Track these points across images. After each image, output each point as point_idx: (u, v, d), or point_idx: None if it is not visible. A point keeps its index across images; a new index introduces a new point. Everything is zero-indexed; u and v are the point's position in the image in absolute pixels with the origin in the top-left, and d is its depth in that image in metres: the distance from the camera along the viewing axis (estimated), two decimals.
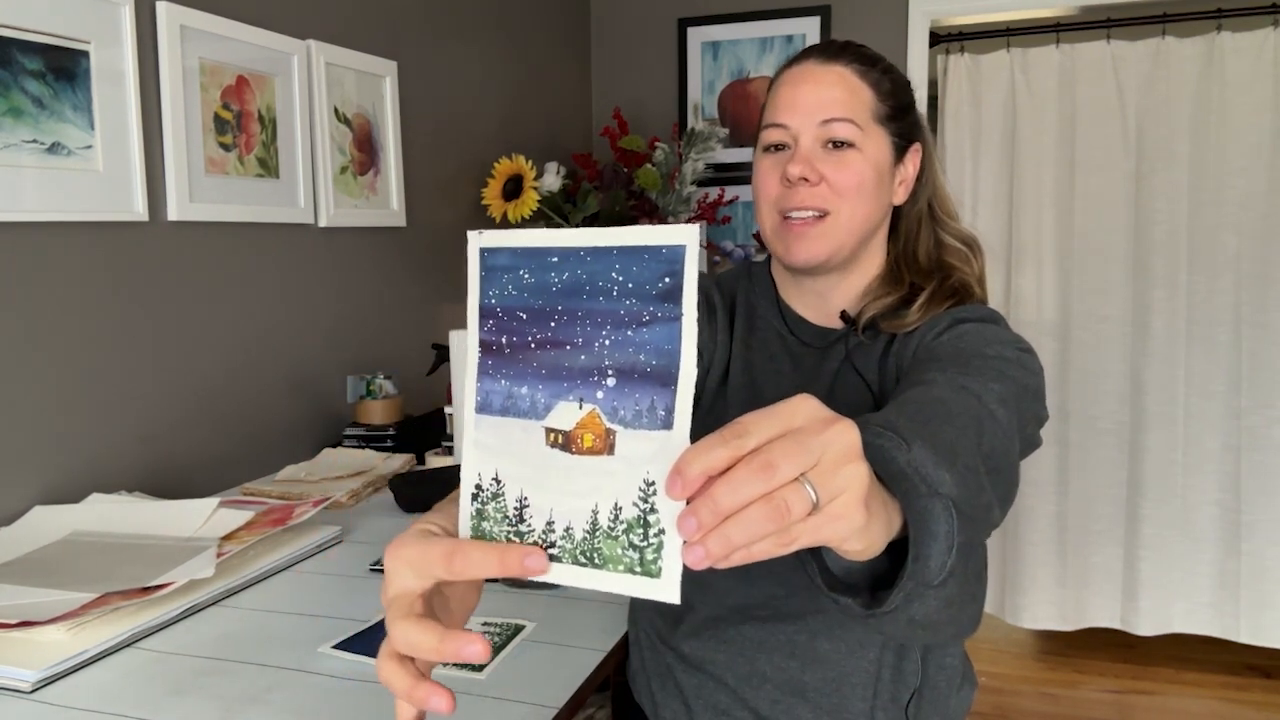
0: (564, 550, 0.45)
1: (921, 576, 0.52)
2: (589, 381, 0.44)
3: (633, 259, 0.44)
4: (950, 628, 0.58)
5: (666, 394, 0.43)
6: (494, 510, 0.46)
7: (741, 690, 0.95)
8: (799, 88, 0.95)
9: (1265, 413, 2.61)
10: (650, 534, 0.43)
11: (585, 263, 0.45)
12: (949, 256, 1.01)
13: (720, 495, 0.40)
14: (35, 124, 1.27)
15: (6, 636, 0.91)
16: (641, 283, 0.43)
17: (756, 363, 1.01)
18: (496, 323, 0.47)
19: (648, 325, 0.43)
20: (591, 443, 0.44)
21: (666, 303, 0.43)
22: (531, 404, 0.46)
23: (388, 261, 2.06)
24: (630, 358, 0.44)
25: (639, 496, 0.43)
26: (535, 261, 0.46)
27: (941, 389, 0.72)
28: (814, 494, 0.41)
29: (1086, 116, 2.68)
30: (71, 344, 1.35)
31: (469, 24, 2.35)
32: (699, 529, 0.40)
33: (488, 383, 0.47)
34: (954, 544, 0.52)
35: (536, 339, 0.46)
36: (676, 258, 0.43)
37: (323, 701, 0.83)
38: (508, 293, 0.47)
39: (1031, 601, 2.83)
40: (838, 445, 0.42)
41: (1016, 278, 2.80)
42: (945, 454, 0.57)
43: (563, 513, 0.45)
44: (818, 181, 0.93)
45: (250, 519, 1.19)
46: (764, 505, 0.40)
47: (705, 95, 2.94)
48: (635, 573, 0.43)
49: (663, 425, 0.43)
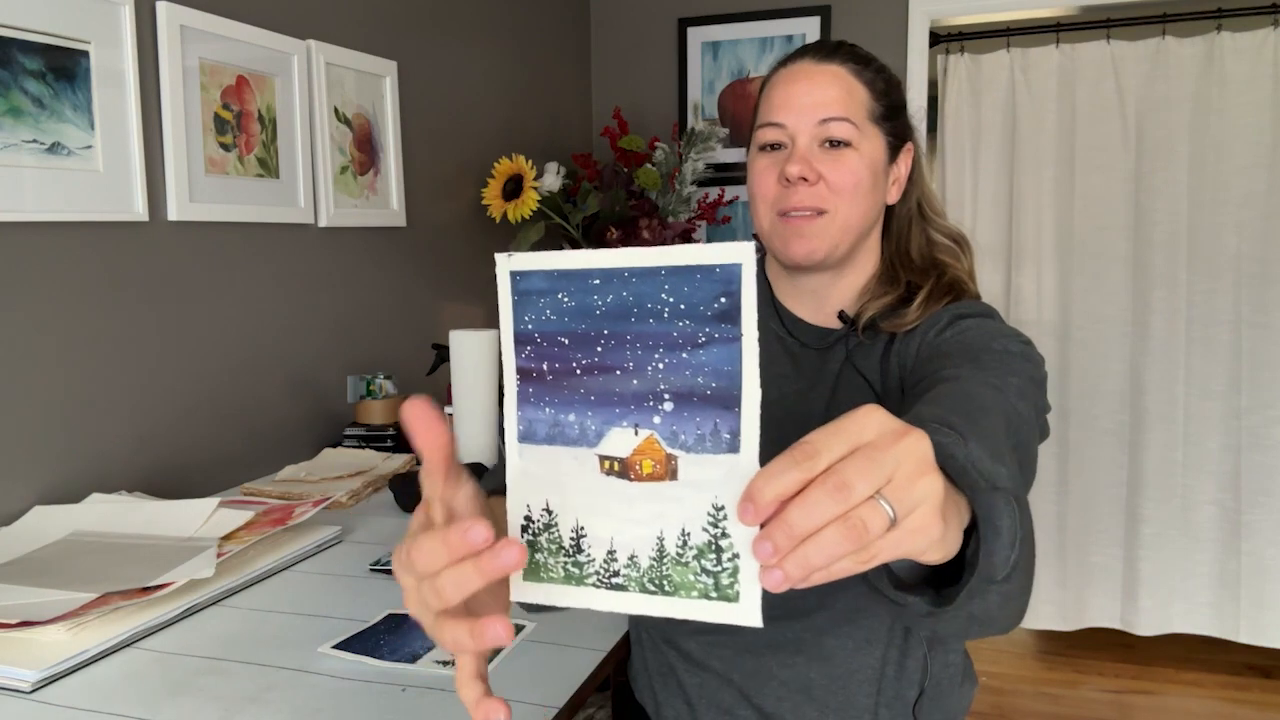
0: (630, 579, 0.44)
1: (988, 572, 0.51)
2: (644, 407, 0.43)
3: (684, 279, 0.42)
4: (1002, 621, 0.57)
5: (730, 417, 0.42)
6: (547, 541, 0.45)
7: (746, 688, 0.95)
8: (795, 87, 0.95)
9: (1265, 413, 2.61)
10: (724, 559, 0.42)
11: (630, 284, 0.43)
12: (940, 253, 1.01)
13: (795, 519, 0.39)
14: (35, 124, 1.27)
15: (6, 636, 0.91)
16: (695, 303, 0.42)
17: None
18: (535, 349, 0.45)
19: (704, 347, 0.42)
20: (651, 469, 0.43)
21: (724, 323, 0.42)
22: (581, 431, 0.45)
23: (388, 261, 2.06)
24: (688, 381, 0.42)
25: (708, 522, 0.42)
26: (575, 284, 0.44)
27: (971, 384, 0.73)
28: (890, 510, 0.40)
29: (1086, 116, 2.68)
30: (71, 344, 1.35)
31: (469, 24, 2.35)
32: (775, 553, 0.39)
33: (530, 410, 0.46)
34: (1017, 538, 0.52)
35: (583, 364, 0.44)
36: (733, 277, 0.41)
37: (323, 701, 0.83)
38: (546, 317, 0.45)
39: (1032, 601, 2.79)
40: (911, 459, 0.41)
41: (1016, 278, 2.79)
42: (995, 449, 0.57)
43: (625, 541, 0.44)
44: (816, 181, 0.93)
45: (250, 519, 1.19)
46: (841, 526, 0.39)
47: (705, 95, 2.94)
48: (711, 598, 0.42)
49: (728, 449, 0.42)
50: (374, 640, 0.95)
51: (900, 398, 0.91)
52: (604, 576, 0.44)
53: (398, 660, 0.90)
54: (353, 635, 0.96)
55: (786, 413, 0.97)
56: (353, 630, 0.98)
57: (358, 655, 0.91)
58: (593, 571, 0.44)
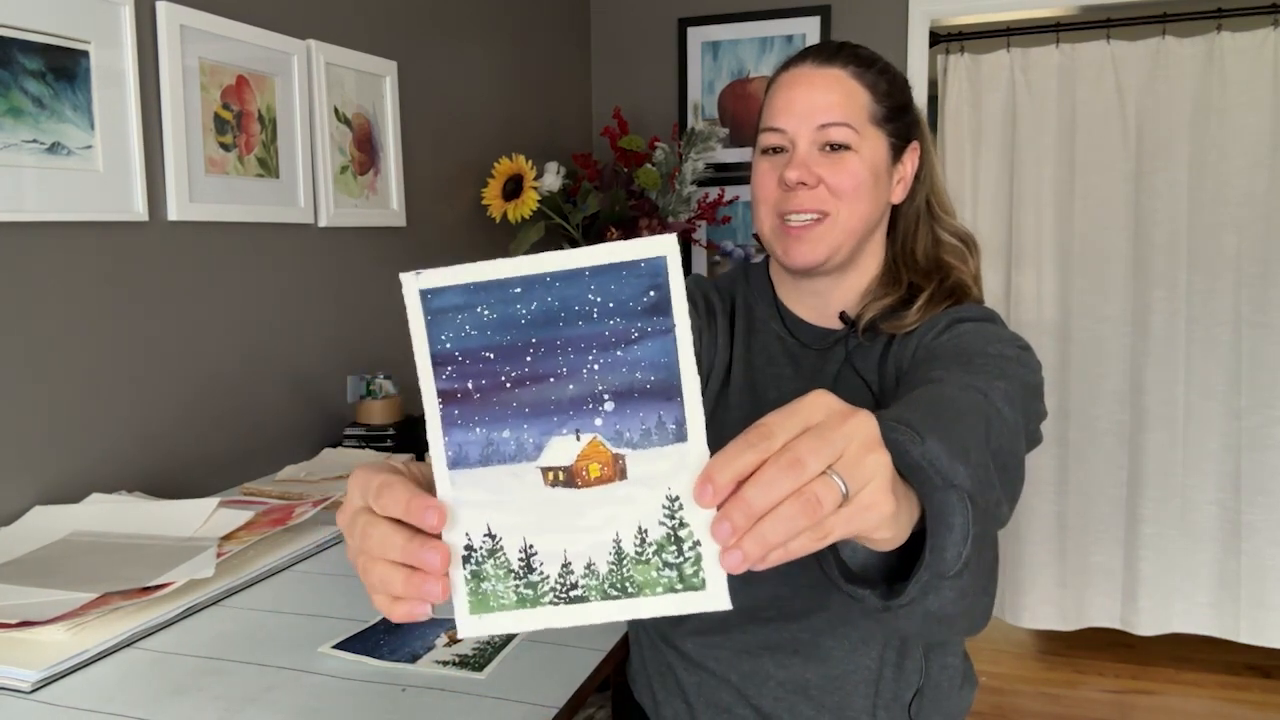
0: (590, 588, 0.43)
1: (938, 567, 0.52)
2: (583, 411, 0.42)
3: (609, 277, 0.42)
4: (963, 621, 0.58)
5: (673, 407, 0.42)
6: (494, 567, 0.44)
7: (744, 688, 0.95)
8: (795, 91, 0.96)
9: (1265, 413, 2.61)
10: (685, 548, 0.42)
11: (554, 288, 0.42)
12: (946, 254, 1.01)
13: (751, 496, 0.40)
14: (35, 124, 1.27)
15: (6, 636, 0.91)
16: (624, 300, 0.42)
17: (757, 365, 1.01)
18: (457, 368, 0.44)
19: (638, 342, 0.42)
20: (600, 472, 0.42)
21: (655, 316, 0.41)
22: (519, 447, 0.43)
23: (388, 261, 2.06)
24: (626, 378, 0.42)
25: (664, 515, 0.42)
26: (494, 295, 0.43)
27: (949, 387, 0.73)
28: (843, 485, 0.41)
29: (1086, 116, 2.68)
30: (72, 344, 1.35)
31: (469, 24, 2.35)
32: (734, 533, 0.40)
33: (458, 434, 0.44)
34: (969, 534, 0.52)
35: (512, 377, 0.43)
36: (658, 270, 0.41)
37: (323, 701, 0.83)
38: (465, 333, 0.43)
39: (1031, 601, 2.83)
40: (860, 436, 0.42)
41: (1016, 277, 2.79)
42: (958, 448, 0.58)
43: (580, 551, 0.43)
44: (815, 185, 0.93)
45: (250, 519, 1.19)
46: (795, 501, 0.40)
47: (705, 95, 2.94)
48: (678, 590, 0.42)
49: (675, 439, 0.42)
50: (374, 640, 0.95)
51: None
52: (561, 591, 0.43)
53: (398, 660, 0.90)
54: (353, 635, 0.96)
55: None
56: (353, 630, 0.98)
57: (358, 655, 0.92)
58: (548, 589, 0.43)
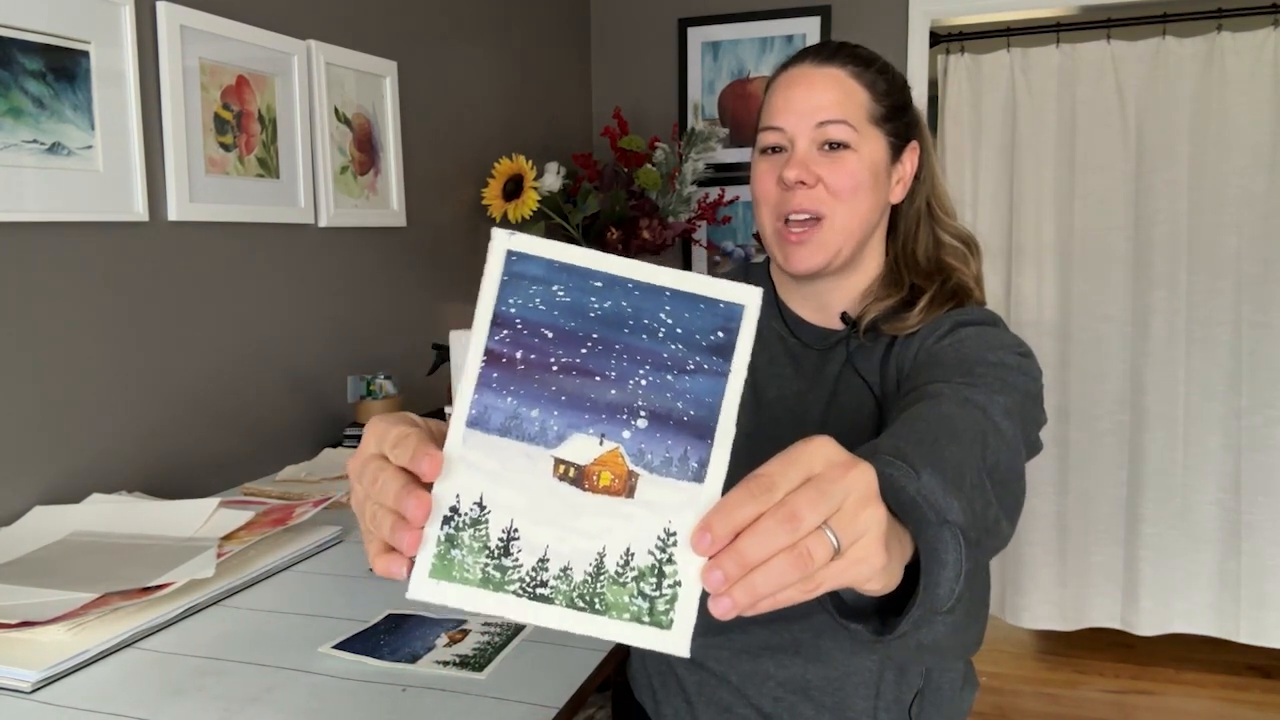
0: (558, 591, 0.42)
1: (931, 604, 0.52)
2: (616, 419, 0.42)
3: (686, 304, 0.42)
4: (955, 650, 0.58)
5: (702, 446, 0.41)
6: (470, 538, 0.43)
7: (745, 688, 0.95)
8: (794, 90, 0.96)
9: (1265, 413, 2.61)
10: (665, 584, 0.42)
11: (633, 295, 0.42)
12: (947, 256, 1.01)
13: (746, 548, 0.40)
14: (35, 124, 1.27)
15: (6, 636, 0.91)
16: (692, 331, 0.42)
17: (758, 365, 1.01)
18: (513, 334, 0.43)
19: (691, 374, 0.42)
20: (609, 482, 0.42)
21: (716, 356, 0.42)
22: (541, 429, 0.43)
23: (388, 261, 2.06)
24: (667, 403, 0.42)
25: (656, 545, 0.42)
26: (574, 280, 0.43)
27: (948, 404, 0.72)
28: (835, 540, 0.41)
29: (1086, 116, 2.68)
30: (72, 344, 1.35)
31: (469, 24, 2.35)
32: (725, 581, 0.40)
33: (489, 396, 0.43)
34: (962, 571, 0.52)
35: (561, 363, 0.43)
36: (734, 315, 0.42)
37: (323, 701, 0.83)
38: (534, 305, 0.43)
39: (1031, 601, 2.83)
40: (857, 490, 0.42)
41: (1016, 278, 2.79)
42: (953, 477, 0.57)
43: (561, 552, 0.42)
44: (814, 184, 0.93)
45: (250, 519, 1.19)
46: (788, 555, 0.40)
47: (705, 95, 2.94)
48: (643, 622, 0.42)
49: (694, 478, 0.41)
50: (374, 640, 0.95)
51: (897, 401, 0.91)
52: (528, 585, 0.42)
53: (398, 660, 0.90)
54: (353, 635, 0.96)
55: (785, 412, 0.97)
56: (353, 630, 0.98)
57: (358, 655, 0.91)
58: (517, 579, 0.42)
